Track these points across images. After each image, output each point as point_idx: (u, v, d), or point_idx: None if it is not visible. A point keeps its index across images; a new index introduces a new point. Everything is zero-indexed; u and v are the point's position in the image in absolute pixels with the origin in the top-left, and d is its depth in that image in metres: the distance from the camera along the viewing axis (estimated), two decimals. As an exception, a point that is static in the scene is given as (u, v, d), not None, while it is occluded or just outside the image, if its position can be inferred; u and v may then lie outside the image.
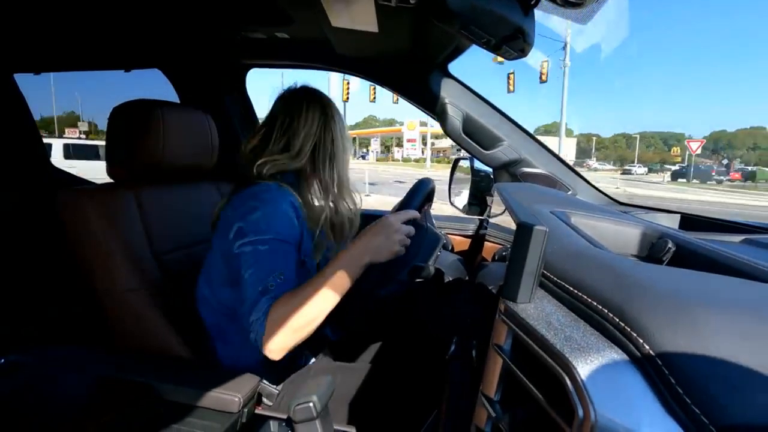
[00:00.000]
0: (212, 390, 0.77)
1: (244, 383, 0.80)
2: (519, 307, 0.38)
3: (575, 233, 0.53)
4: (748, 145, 47.91)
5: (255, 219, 0.82)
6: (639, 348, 0.28)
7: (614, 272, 0.36)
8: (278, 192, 0.86)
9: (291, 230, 0.85)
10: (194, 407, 0.78)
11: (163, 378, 0.79)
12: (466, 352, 0.72)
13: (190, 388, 0.78)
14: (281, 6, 1.02)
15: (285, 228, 0.83)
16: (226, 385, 0.78)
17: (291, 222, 0.85)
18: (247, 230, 0.81)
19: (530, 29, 0.71)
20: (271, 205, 0.84)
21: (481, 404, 0.41)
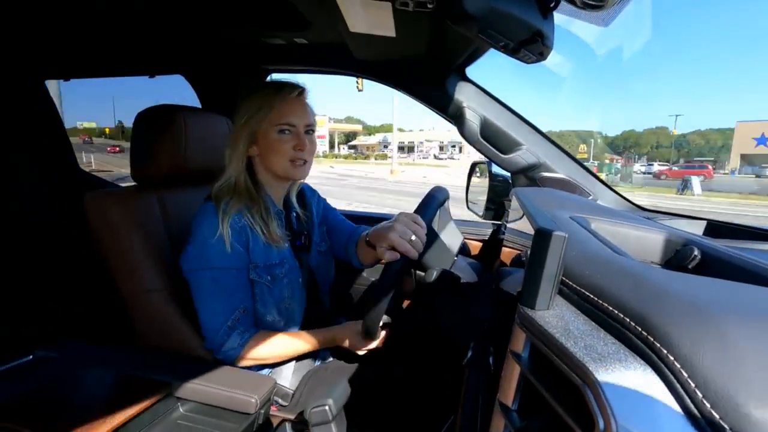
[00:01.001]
0: (229, 390, 0.78)
1: (261, 384, 0.80)
2: (537, 314, 0.37)
3: (595, 239, 0.52)
4: (652, 144, 49.04)
5: (193, 248, 0.89)
6: (663, 359, 0.27)
7: (636, 279, 0.35)
8: (213, 216, 0.88)
9: (233, 256, 0.89)
10: (211, 407, 0.79)
11: (181, 377, 0.81)
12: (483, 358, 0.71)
13: (208, 388, 0.79)
14: (300, 12, 1.03)
15: (221, 255, 0.88)
16: (242, 386, 0.79)
17: (233, 247, 0.88)
18: (189, 257, 0.90)
19: (549, 32, 0.70)
20: (206, 231, 0.88)
21: (498, 412, 0.40)
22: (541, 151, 1.21)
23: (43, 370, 0.83)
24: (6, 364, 0.82)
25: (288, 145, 0.92)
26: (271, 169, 0.96)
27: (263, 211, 0.94)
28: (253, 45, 1.32)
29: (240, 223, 0.90)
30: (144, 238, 0.95)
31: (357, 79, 1.33)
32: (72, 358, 0.88)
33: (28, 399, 0.73)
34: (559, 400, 0.32)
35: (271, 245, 0.94)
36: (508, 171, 1.27)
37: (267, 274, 0.93)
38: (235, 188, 0.92)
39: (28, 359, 0.86)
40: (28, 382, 0.78)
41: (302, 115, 0.93)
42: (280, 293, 0.96)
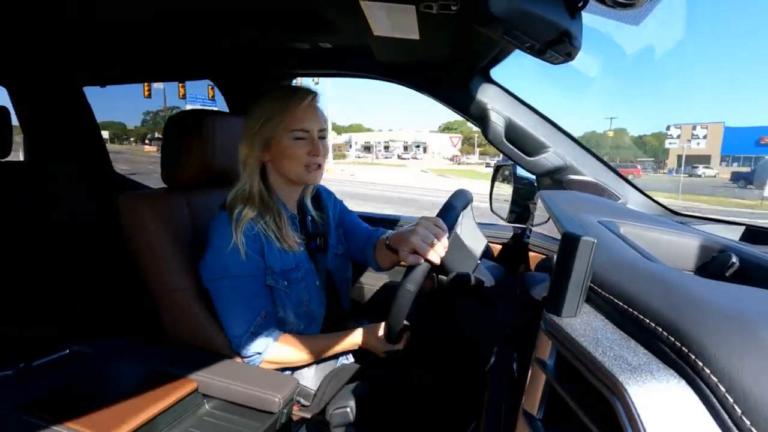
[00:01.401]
0: (253, 389, 0.79)
1: (284, 384, 0.81)
2: (564, 321, 0.36)
3: (625, 244, 0.50)
4: (612, 145, 50.17)
5: (210, 258, 0.92)
6: (698, 372, 0.26)
7: (669, 287, 0.34)
8: (226, 225, 0.90)
9: (248, 263, 0.90)
10: (236, 405, 0.80)
11: (207, 374, 0.83)
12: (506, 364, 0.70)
13: (232, 386, 0.80)
14: (325, 17, 1.05)
15: (236, 264, 0.89)
16: (266, 385, 0.80)
17: (248, 255, 0.90)
18: (207, 266, 0.92)
19: (577, 32, 0.69)
20: (221, 240, 0.90)
21: (523, 421, 0.39)
22: (568, 154, 1.19)
23: (77, 365, 0.86)
24: (44, 358, 0.86)
25: (303, 151, 0.92)
26: (284, 175, 0.96)
27: (276, 217, 0.94)
28: (279, 50, 1.34)
29: (253, 230, 0.91)
30: (173, 238, 0.98)
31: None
32: (105, 353, 0.91)
33: (63, 392, 0.76)
34: (586, 410, 0.31)
35: (286, 250, 0.95)
36: (534, 173, 1.24)
37: (284, 279, 0.95)
38: (249, 196, 0.93)
39: (64, 353, 0.90)
40: (64, 375, 0.82)
41: (315, 120, 0.94)
42: (298, 297, 0.98)
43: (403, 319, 0.83)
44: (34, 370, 0.83)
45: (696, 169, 31.23)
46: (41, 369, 0.84)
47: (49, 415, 0.69)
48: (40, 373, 0.83)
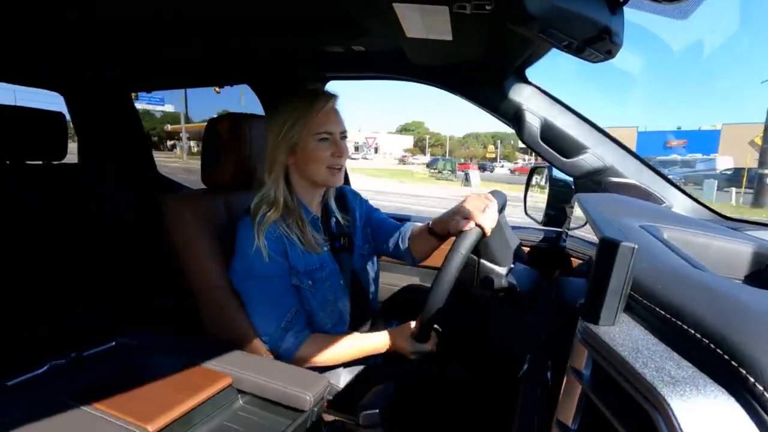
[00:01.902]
0: (285, 386, 0.81)
1: (315, 383, 0.83)
2: (601, 329, 0.35)
3: (669, 250, 0.47)
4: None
5: (236, 262, 0.95)
6: (749, 388, 0.24)
7: (717, 296, 0.32)
8: (249, 230, 0.93)
9: (272, 265, 0.93)
10: (268, 401, 0.82)
11: (242, 370, 0.85)
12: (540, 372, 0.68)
13: (265, 383, 0.82)
14: (358, 20, 1.06)
15: (261, 265, 0.92)
16: (298, 383, 0.82)
17: (271, 258, 0.92)
18: (234, 270, 0.96)
19: (619, 28, 0.66)
20: (245, 245, 0.93)
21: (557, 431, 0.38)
22: (608, 155, 1.14)
23: (123, 356, 0.91)
24: (93, 349, 0.92)
25: (327, 153, 0.95)
26: (308, 177, 0.98)
27: (298, 220, 0.97)
28: (313, 54, 1.37)
29: (275, 233, 0.93)
30: (212, 237, 1.02)
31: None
32: (148, 346, 0.96)
33: (109, 381, 0.81)
34: (624, 423, 0.30)
35: (309, 251, 0.97)
36: (571, 176, 1.20)
37: (308, 279, 0.97)
38: (274, 200, 0.95)
39: (111, 345, 0.95)
40: (111, 366, 0.87)
41: (337, 122, 0.97)
42: (324, 296, 1.00)
43: (446, 293, 0.84)
44: (84, 360, 0.89)
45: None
46: (90, 359, 0.90)
47: (96, 403, 0.74)
48: (89, 363, 0.88)
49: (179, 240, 1.02)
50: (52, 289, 1.49)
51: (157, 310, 1.56)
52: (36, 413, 0.70)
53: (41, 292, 1.46)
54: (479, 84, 1.24)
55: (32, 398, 0.73)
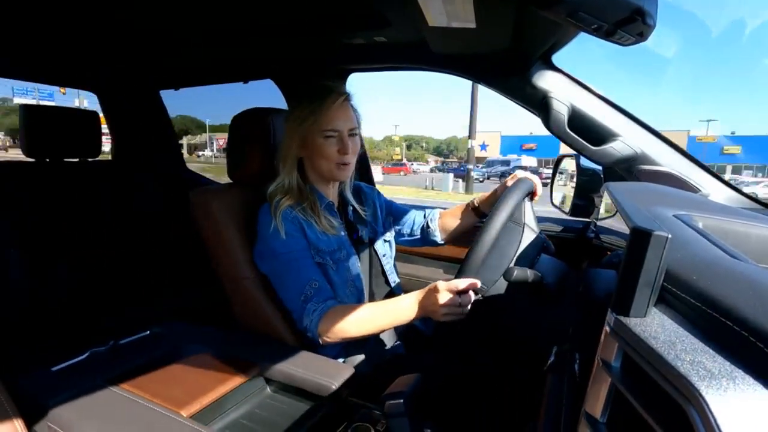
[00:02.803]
0: (311, 375, 0.83)
1: (341, 371, 0.84)
2: (632, 321, 0.34)
3: (706, 240, 0.45)
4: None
5: (259, 246, 0.99)
6: None
7: (758, 288, 0.30)
8: (267, 215, 0.97)
9: (290, 240, 0.96)
10: (295, 389, 0.84)
11: (269, 359, 0.87)
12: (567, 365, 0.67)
13: (292, 371, 0.84)
14: (380, 11, 1.05)
15: (279, 243, 0.95)
16: (323, 372, 0.83)
17: (288, 235, 0.96)
18: (258, 254, 0.99)
19: (652, 9, 0.63)
20: (263, 227, 0.97)
21: (585, 425, 0.38)
22: (640, 142, 1.10)
23: (157, 345, 0.95)
24: (129, 338, 0.96)
25: (332, 149, 0.99)
26: (317, 171, 1.03)
27: (312, 205, 1.02)
28: (336, 46, 1.37)
29: (291, 214, 0.98)
30: (239, 230, 1.05)
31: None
32: (180, 336, 1.00)
33: (145, 369, 0.85)
34: (656, 417, 0.29)
35: (326, 234, 1.02)
36: (600, 164, 1.16)
37: (329, 258, 1.01)
38: (288, 188, 1.01)
39: (146, 334, 0.99)
40: (146, 354, 0.91)
41: (346, 119, 1.00)
42: (344, 275, 1.03)
43: (493, 240, 0.88)
44: (121, 348, 0.93)
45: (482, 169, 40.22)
46: (127, 347, 0.94)
47: (134, 388, 0.77)
48: (126, 351, 0.92)
49: (208, 233, 1.05)
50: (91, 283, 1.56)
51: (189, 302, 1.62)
52: (78, 396, 0.74)
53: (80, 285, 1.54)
54: (504, 72, 1.21)
55: (75, 382, 0.78)
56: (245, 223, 1.06)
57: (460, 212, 1.23)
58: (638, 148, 1.09)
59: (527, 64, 1.15)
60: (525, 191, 0.97)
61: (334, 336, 0.93)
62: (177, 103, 2.11)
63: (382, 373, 1.01)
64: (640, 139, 1.10)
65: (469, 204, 1.21)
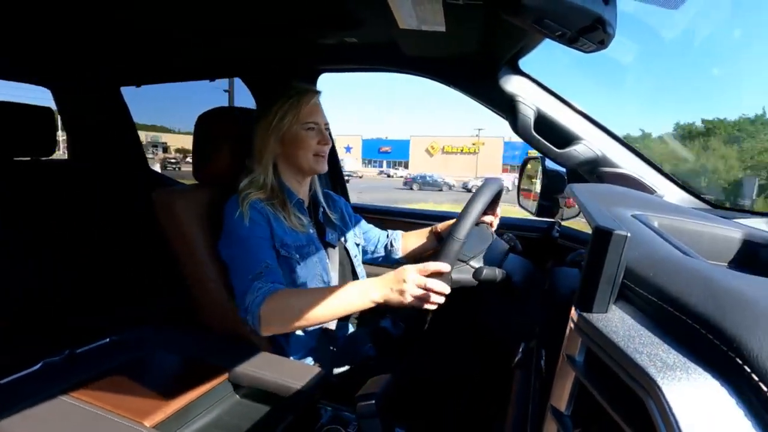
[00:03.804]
0: (281, 379, 0.81)
1: (311, 374, 0.83)
2: (595, 317, 0.35)
3: (661, 239, 0.48)
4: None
5: (223, 235, 0.98)
6: (738, 372, 0.25)
7: (708, 283, 0.32)
8: (235, 204, 0.98)
9: (253, 227, 0.96)
10: (264, 393, 0.83)
11: (237, 363, 0.85)
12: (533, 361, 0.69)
13: (261, 376, 0.83)
14: (350, 11, 1.05)
15: (243, 228, 0.95)
16: (293, 375, 0.82)
17: (252, 222, 0.96)
18: (221, 241, 0.99)
19: (611, 18, 0.66)
20: (229, 214, 0.98)
21: (551, 417, 0.39)
22: (601, 145, 1.14)
23: (117, 353, 0.91)
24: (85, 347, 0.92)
25: (314, 141, 1.04)
26: (296, 164, 1.06)
27: (283, 203, 1.03)
28: (306, 46, 1.35)
29: (259, 205, 0.99)
30: (205, 231, 1.02)
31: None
32: (142, 342, 0.96)
33: (104, 378, 0.81)
34: (617, 408, 0.30)
35: (295, 230, 1.03)
36: (564, 166, 1.21)
37: (296, 252, 1.01)
38: (263, 185, 1.02)
39: (105, 342, 0.95)
40: (105, 363, 0.86)
41: (322, 114, 1.07)
42: (314, 268, 1.04)
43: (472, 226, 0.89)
44: (78, 357, 0.88)
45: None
46: (85, 356, 0.89)
47: (92, 399, 0.73)
48: (83, 360, 0.88)
49: (172, 234, 1.02)
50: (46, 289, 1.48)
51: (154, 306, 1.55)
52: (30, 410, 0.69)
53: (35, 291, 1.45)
54: (473, 76, 1.24)
55: (26, 396, 0.73)
56: (211, 224, 1.03)
57: (422, 234, 1.29)
58: (599, 150, 1.14)
59: (495, 68, 1.18)
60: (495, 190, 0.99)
61: (276, 321, 0.85)
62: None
63: (352, 375, 1.01)
64: (601, 142, 1.15)
65: (431, 228, 1.27)
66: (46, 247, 1.50)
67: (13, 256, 1.41)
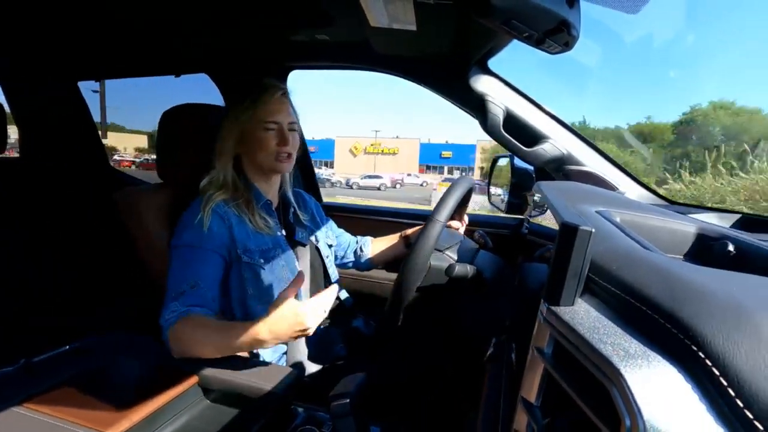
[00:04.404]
0: (252, 381, 0.80)
1: (283, 375, 0.82)
2: (562, 310, 0.36)
3: (623, 233, 0.50)
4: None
5: (178, 225, 0.94)
6: (694, 357, 0.26)
7: (666, 275, 0.34)
8: (197, 205, 0.94)
9: (204, 235, 0.91)
10: (236, 396, 0.81)
11: (207, 367, 0.83)
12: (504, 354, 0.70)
13: (232, 378, 0.81)
14: (322, 8, 1.04)
15: (195, 234, 0.91)
16: (265, 377, 0.81)
17: (209, 231, 0.91)
18: (174, 234, 0.94)
19: (576, 21, 0.68)
20: (188, 216, 0.93)
21: (521, 409, 0.40)
22: (567, 144, 1.18)
23: (77, 361, 0.86)
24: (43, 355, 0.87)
25: (272, 142, 0.98)
26: (257, 164, 1.02)
27: (248, 202, 1.00)
28: (276, 43, 1.33)
29: (223, 209, 0.95)
30: (171, 233, 0.98)
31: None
32: (105, 348, 0.92)
33: (64, 388, 0.77)
34: (583, 397, 0.31)
35: (260, 233, 0.99)
36: (532, 164, 1.24)
37: (260, 257, 0.98)
38: (223, 183, 0.98)
39: (64, 350, 0.90)
40: (65, 371, 0.82)
41: (285, 113, 1.00)
42: (281, 272, 1.01)
43: (428, 256, 0.87)
44: (35, 367, 0.83)
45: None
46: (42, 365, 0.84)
47: (50, 411, 0.70)
48: (40, 370, 0.83)
49: (136, 236, 0.98)
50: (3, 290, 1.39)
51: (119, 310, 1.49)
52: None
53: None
54: (443, 75, 1.26)
55: None
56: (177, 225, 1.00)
57: (391, 240, 1.29)
58: (565, 149, 1.18)
59: (465, 68, 1.20)
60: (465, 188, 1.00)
61: (184, 348, 0.82)
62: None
63: (325, 375, 1.00)
64: (566, 141, 1.19)
65: (400, 234, 1.26)
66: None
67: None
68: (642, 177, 1.16)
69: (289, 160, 1.01)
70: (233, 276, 0.96)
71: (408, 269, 0.86)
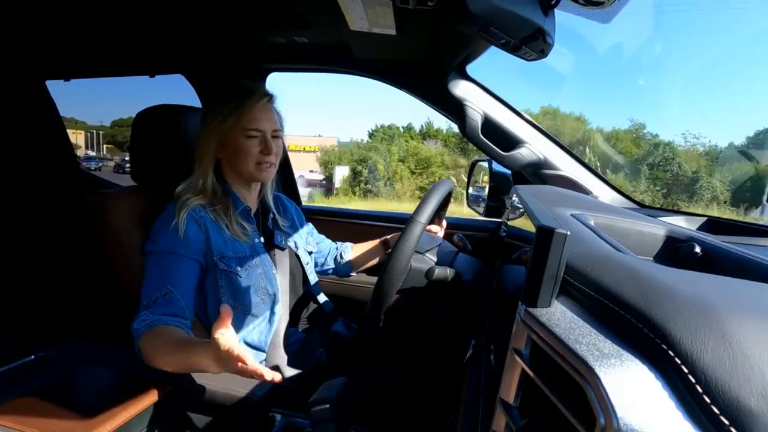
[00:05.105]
0: (230, 389, 0.78)
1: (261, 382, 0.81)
2: (539, 311, 0.37)
3: (597, 236, 0.52)
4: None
5: (151, 234, 0.92)
6: (664, 356, 0.27)
7: (637, 276, 0.35)
8: (171, 209, 0.92)
9: (178, 242, 0.89)
10: (213, 404, 0.79)
11: (180, 375, 0.81)
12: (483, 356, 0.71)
13: (208, 386, 0.79)
14: (300, 11, 1.03)
15: (170, 240, 0.89)
16: (243, 384, 0.79)
17: (186, 234, 0.89)
18: (149, 239, 0.91)
19: (551, 29, 0.70)
20: (163, 220, 0.91)
21: (500, 410, 0.40)
22: (543, 149, 1.21)
23: (44, 371, 0.83)
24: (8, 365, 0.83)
25: (255, 150, 0.96)
26: (237, 171, 0.99)
27: (226, 209, 0.97)
28: (254, 44, 1.31)
29: (199, 214, 0.93)
30: (142, 237, 0.95)
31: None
32: (73, 358, 0.88)
33: (30, 399, 0.73)
34: (560, 397, 0.32)
35: (237, 240, 0.97)
36: (510, 169, 1.26)
37: (237, 264, 0.96)
38: (202, 189, 0.96)
39: (29, 360, 0.86)
40: (30, 382, 0.79)
41: (269, 120, 0.97)
42: (257, 280, 0.99)
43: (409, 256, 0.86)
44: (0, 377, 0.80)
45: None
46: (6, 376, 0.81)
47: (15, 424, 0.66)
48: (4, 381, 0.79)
49: (107, 240, 0.95)
50: None
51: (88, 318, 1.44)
52: None
53: None
54: (423, 79, 1.27)
55: None
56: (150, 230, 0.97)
57: (371, 246, 1.28)
58: (541, 154, 1.21)
59: (444, 72, 1.21)
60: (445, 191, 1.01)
61: (150, 357, 0.78)
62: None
63: (304, 381, 0.99)
64: (542, 146, 1.21)
65: (381, 240, 1.26)
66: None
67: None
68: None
69: (271, 169, 0.99)
70: (209, 282, 0.94)
71: (390, 269, 0.86)
